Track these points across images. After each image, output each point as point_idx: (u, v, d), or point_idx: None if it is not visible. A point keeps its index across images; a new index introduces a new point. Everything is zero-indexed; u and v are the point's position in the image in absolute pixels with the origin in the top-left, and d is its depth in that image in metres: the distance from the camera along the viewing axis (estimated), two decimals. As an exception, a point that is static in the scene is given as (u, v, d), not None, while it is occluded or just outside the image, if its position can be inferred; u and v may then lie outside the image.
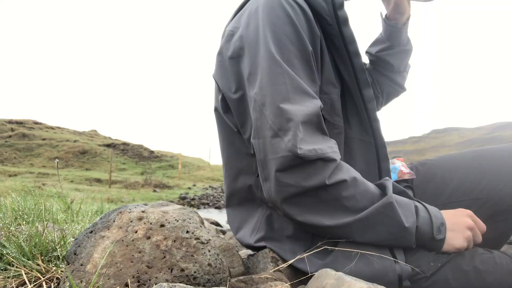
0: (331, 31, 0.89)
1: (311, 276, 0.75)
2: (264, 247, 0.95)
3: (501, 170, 0.93)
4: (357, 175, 0.81)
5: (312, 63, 0.84)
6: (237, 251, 1.07)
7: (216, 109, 1.04)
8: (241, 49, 0.87)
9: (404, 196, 0.84)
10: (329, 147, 0.78)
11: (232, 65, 0.90)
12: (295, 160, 0.74)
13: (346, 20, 0.89)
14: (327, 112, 0.90)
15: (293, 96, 0.77)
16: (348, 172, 0.80)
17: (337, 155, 0.79)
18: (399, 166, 1.07)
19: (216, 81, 0.97)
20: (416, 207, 0.81)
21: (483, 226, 0.85)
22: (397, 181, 1.06)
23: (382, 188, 0.82)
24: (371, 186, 0.82)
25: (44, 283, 0.78)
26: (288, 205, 0.79)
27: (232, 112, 0.95)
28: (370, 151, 0.95)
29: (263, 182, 0.83)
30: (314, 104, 0.78)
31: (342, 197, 0.77)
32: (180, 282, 0.70)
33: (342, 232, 0.80)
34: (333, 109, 0.90)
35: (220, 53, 0.94)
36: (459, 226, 0.82)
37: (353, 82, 0.92)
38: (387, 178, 0.86)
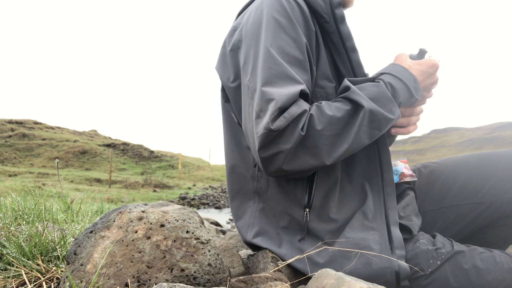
0: (329, 29, 0.91)
1: (311, 276, 0.75)
2: (263, 247, 0.96)
3: (505, 174, 0.93)
4: (322, 102, 0.83)
5: (305, 53, 0.86)
6: (237, 251, 1.07)
7: (221, 100, 1.08)
8: (240, 41, 0.91)
9: (368, 81, 0.87)
10: (295, 105, 0.78)
11: (232, 56, 0.94)
12: (271, 134, 0.76)
13: (343, 18, 0.91)
14: None
15: (275, 80, 0.80)
16: (312, 107, 0.82)
17: (305, 106, 0.80)
18: (401, 168, 1.07)
19: (217, 72, 1.01)
20: (389, 85, 0.84)
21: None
22: (398, 183, 1.06)
23: (351, 101, 0.82)
24: (337, 104, 0.82)
25: (44, 283, 0.78)
26: (291, 167, 0.80)
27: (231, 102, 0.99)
28: (370, 144, 0.95)
29: (258, 163, 0.85)
30: (295, 88, 0.80)
31: (320, 132, 0.78)
32: (180, 282, 0.70)
33: (347, 155, 0.82)
34: None
35: (223, 46, 0.99)
36: (430, 84, 0.95)
37: (350, 76, 0.93)
38: (347, 85, 0.85)
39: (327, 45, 0.93)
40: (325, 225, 0.88)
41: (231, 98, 0.97)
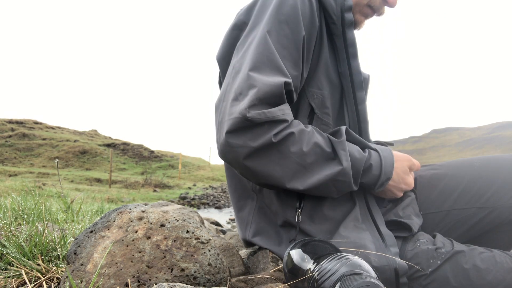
0: (335, 31, 0.91)
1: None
2: (262, 247, 0.96)
3: (509, 179, 0.92)
4: (308, 128, 0.83)
5: (301, 49, 0.85)
6: (237, 251, 1.07)
7: None
8: (245, 23, 0.91)
9: (359, 144, 0.87)
10: (280, 109, 0.78)
11: (230, 34, 0.94)
12: (244, 122, 0.75)
13: (351, 23, 0.91)
14: (317, 107, 0.92)
15: (263, 67, 0.79)
16: (298, 126, 0.81)
17: (288, 116, 0.79)
18: None
19: (217, 51, 1.02)
20: (369, 164, 0.84)
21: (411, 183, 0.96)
22: None
23: (334, 150, 0.82)
24: (320, 140, 0.82)
25: (44, 283, 0.78)
26: (253, 164, 0.79)
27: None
28: None
29: (217, 145, 0.83)
30: (279, 79, 0.78)
31: (291, 153, 0.78)
32: (180, 282, 0.70)
33: (306, 191, 0.82)
34: (323, 105, 0.92)
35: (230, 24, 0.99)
36: (399, 186, 0.91)
37: (347, 82, 0.93)
38: (341, 133, 0.85)
39: (331, 47, 0.93)
40: (317, 226, 0.88)
41: (222, 75, 0.98)
